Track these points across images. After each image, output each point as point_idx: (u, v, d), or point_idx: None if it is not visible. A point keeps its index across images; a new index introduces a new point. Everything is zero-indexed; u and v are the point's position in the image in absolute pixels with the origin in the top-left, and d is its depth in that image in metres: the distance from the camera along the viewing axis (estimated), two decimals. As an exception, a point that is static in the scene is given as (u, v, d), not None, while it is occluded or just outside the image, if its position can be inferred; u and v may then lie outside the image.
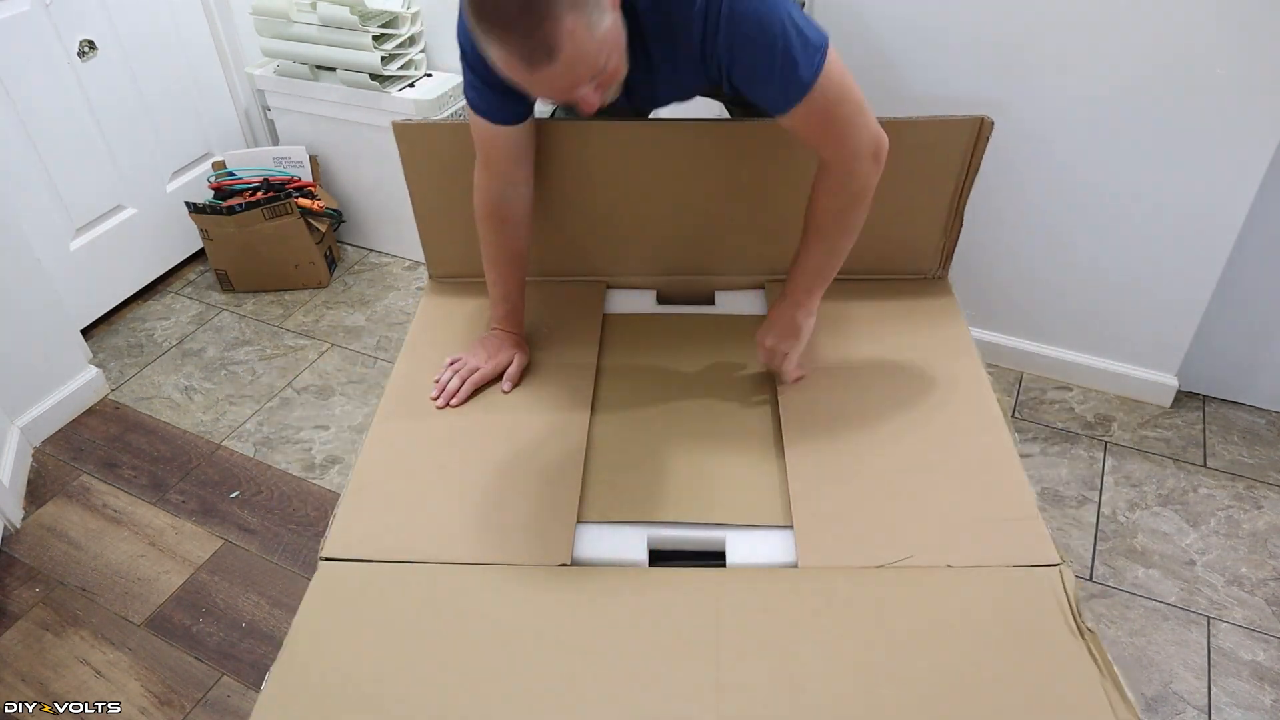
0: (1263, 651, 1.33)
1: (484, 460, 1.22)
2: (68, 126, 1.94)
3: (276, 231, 2.13)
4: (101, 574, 1.55)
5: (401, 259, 2.37)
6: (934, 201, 1.41)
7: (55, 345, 1.84)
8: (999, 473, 1.16)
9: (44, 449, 1.82)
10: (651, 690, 0.92)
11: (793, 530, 1.09)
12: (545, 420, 1.28)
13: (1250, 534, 1.51)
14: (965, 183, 1.37)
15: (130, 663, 1.40)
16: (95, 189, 2.05)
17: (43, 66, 1.87)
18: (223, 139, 2.32)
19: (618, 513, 1.14)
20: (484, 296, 1.49)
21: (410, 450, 1.25)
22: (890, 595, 1.00)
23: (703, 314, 1.46)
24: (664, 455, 1.22)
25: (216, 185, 2.18)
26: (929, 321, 1.41)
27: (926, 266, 1.48)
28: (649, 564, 1.08)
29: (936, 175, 1.38)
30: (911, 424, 1.23)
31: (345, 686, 0.94)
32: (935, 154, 1.36)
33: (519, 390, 1.32)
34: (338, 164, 2.28)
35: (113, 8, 1.97)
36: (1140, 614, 1.38)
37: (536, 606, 1.02)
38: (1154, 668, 1.31)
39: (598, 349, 1.38)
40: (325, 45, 2.01)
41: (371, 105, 2.05)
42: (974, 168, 1.35)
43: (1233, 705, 1.26)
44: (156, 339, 2.11)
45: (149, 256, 2.23)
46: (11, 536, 1.62)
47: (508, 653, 0.97)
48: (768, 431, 1.24)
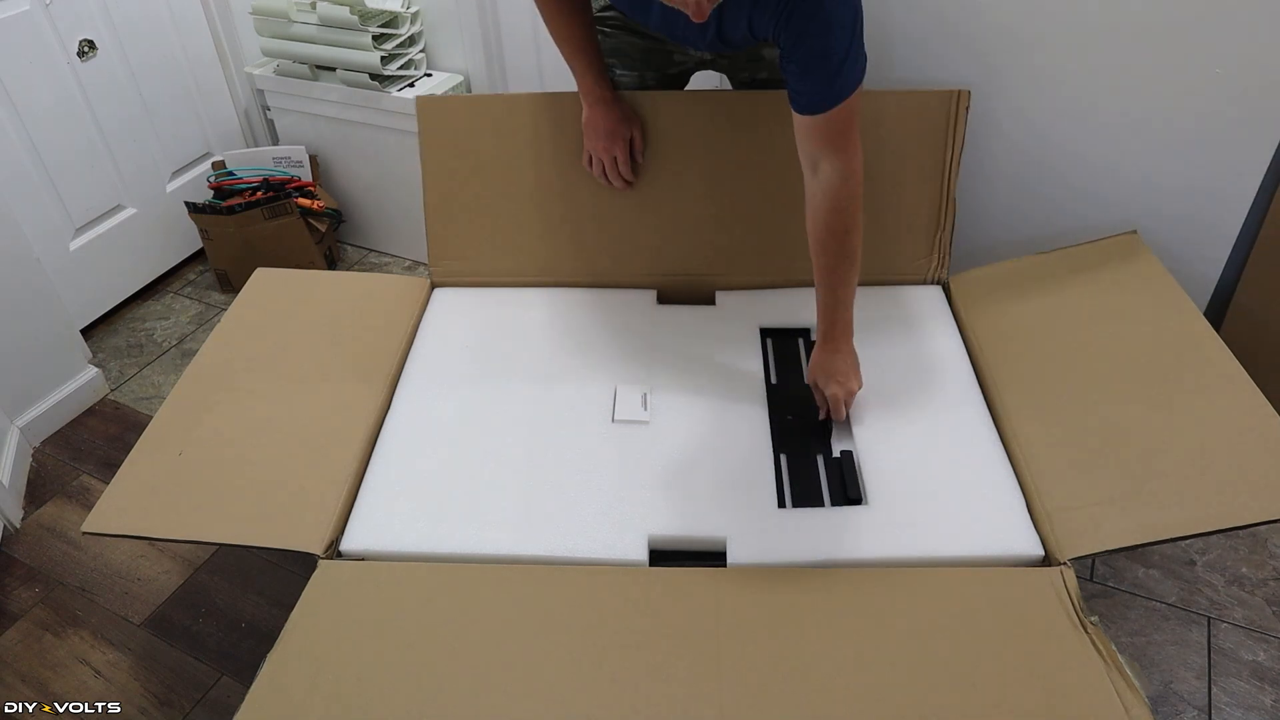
0: (1263, 651, 1.33)
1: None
2: (68, 126, 1.94)
3: (276, 231, 2.13)
4: (101, 574, 1.55)
5: (401, 259, 2.37)
6: (923, 184, 1.42)
7: (55, 345, 1.84)
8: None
9: (44, 449, 1.82)
10: (651, 690, 0.92)
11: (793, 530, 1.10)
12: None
13: (1250, 534, 1.51)
14: (951, 161, 1.38)
15: (130, 663, 1.40)
16: (95, 189, 2.04)
17: (43, 66, 1.87)
18: (222, 139, 2.32)
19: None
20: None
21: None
22: (890, 594, 1.01)
23: (703, 314, 1.46)
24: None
25: (216, 185, 2.18)
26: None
27: (923, 265, 1.48)
28: (649, 564, 1.08)
29: (921, 151, 1.40)
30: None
31: (336, 684, 0.94)
32: (917, 128, 1.38)
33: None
34: (338, 164, 2.28)
35: (113, 8, 1.97)
36: (1140, 614, 1.39)
37: (535, 605, 1.02)
38: (1154, 668, 1.31)
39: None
40: (325, 45, 2.01)
41: (371, 105, 2.05)
42: (958, 144, 1.37)
43: (1233, 705, 1.26)
44: (156, 339, 2.11)
45: (149, 256, 2.23)
46: (11, 536, 1.62)
47: (504, 651, 0.97)
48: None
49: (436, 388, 1.33)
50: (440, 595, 1.03)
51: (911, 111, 1.39)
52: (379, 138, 2.12)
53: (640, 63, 1.36)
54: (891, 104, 1.39)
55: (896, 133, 1.40)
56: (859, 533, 1.09)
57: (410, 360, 1.39)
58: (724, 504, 1.13)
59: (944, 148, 1.39)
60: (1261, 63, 1.39)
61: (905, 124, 1.39)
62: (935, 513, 1.11)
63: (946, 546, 1.06)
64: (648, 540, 1.10)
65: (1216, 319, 1.64)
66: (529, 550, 1.09)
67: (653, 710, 0.90)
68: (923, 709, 0.89)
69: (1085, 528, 1.04)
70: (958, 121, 1.37)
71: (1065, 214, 1.68)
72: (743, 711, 0.90)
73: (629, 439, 1.24)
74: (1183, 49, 1.43)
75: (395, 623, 1.00)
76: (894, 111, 1.39)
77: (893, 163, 1.41)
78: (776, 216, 1.44)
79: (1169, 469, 1.05)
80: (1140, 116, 1.52)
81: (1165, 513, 1.01)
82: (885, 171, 1.42)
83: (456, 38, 2.04)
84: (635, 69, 1.38)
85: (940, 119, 1.38)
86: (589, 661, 0.95)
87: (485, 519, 1.13)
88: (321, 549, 1.09)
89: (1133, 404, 1.15)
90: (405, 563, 1.09)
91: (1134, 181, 1.59)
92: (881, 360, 1.34)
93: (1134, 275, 1.34)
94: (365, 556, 1.11)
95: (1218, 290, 1.64)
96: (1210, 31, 1.39)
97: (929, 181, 1.42)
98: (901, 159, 1.41)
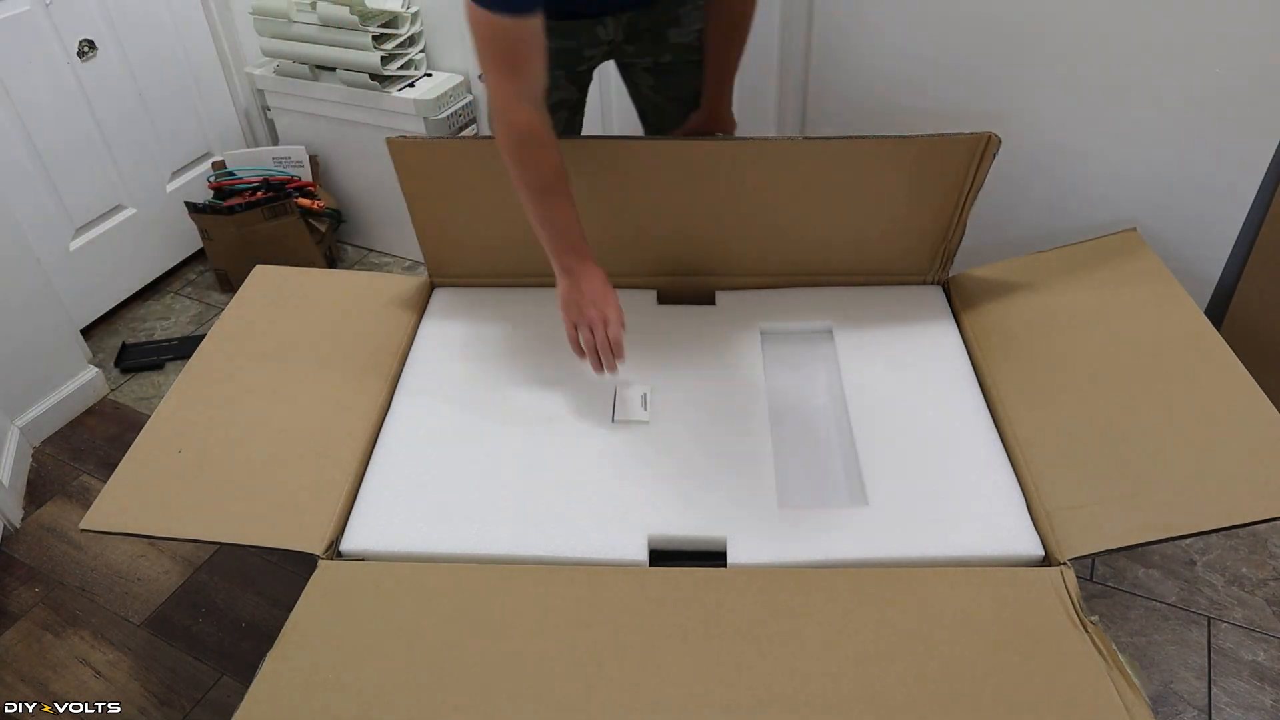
0: (1263, 651, 1.33)
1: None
2: (68, 126, 1.94)
3: (276, 231, 2.13)
4: (101, 574, 1.55)
5: (401, 259, 2.37)
6: (937, 217, 1.41)
7: (55, 345, 1.84)
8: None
9: (44, 449, 1.82)
10: (651, 690, 0.92)
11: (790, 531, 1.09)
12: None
13: (1250, 534, 1.51)
14: (968, 194, 1.37)
15: (130, 663, 1.40)
16: (95, 189, 2.05)
17: (43, 66, 1.87)
18: (222, 139, 2.32)
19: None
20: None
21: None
22: (890, 594, 1.00)
23: (703, 314, 1.46)
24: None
25: (216, 185, 2.18)
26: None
27: (923, 265, 1.48)
28: (649, 564, 1.08)
29: (940, 188, 1.38)
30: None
31: (336, 684, 0.94)
32: (939, 168, 1.36)
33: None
34: (338, 164, 2.28)
35: (113, 8, 1.97)
36: (1140, 614, 1.38)
37: (535, 605, 1.02)
38: (1154, 668, 1.31)
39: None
40: (325, 45, 2.01)
41: (371, 105, 2.05)
42: (978, 182, 1.35)
43: (1233, 705, 1.26)
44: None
45: (149, 256, 2.23)
46: (11, 536, 1.62)
47: (504, 651, 0.97)
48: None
49: (436, 388, 1.33)
50: (440, 595, 1.03)
51: (939, 154, 1.34)
52: (379, 138, 2.11)
53: (550, 63, 1.33)
54: (917, 149, 1.34)
55: (917, 175, 1.36)
56: (859, 533, 1.09)
57: (410, 360, 1.39)
58: (724, 504, 1.13)
59: (962, 185, 1.37)
60: (1261, 63, 1.38)
61: (928, 166, 1.34)
62: (935, 513, 1.11)
63: (946, 546, 1.06)
64: (648, 540, 1.10)
65: (1217, 318, 1.64)
66: (529, 550, 1.09)
67: (653, 710, 0.90)
68: (923, 709, 0.89)
69: (1085, 528, 1.04)
70: (983, 161, 1.34)
71: (1065, 213, 1.68)
72: (742, 711, 0.90)
73: (629, 439, 1.24)
74: (1183, 49, 1.43)
75: (395, 623, 1.00)
76: (918, 155, 1.35)
77: (907, 201, 1.38)
78: (776, 216, 1.44)
79: (1169, 468, 1.05)
80: (1140, 116, 1.52)
81: (1165, 512, 1.01)
82: (898, 206, 1.39)
83: (456, 38, 2.04)
84: (548, 70, 1.35)
85: (964, 160, 1.34)
86: (589, 661, 0.95)
87: (485, 519, 1.13)
88: (321, 549, 1.09)
89: (1133, 403, 1.15)
90: (405, 563, 1.09)
91: (1134, 181, 1.59)
92: (881, 360, 1.34)
93: (1134, 273, 1.34)
94: (365, 556, 1.11)
95: (1218, 289, 1.64)
96: (1210, 31, 1.39)
97: (940, 210, 1.40)
98: (918, 196, 1.38)
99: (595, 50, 1.38)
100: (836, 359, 1.35)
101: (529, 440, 1.24)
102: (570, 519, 1.12)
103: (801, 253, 1.47)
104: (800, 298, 1.46)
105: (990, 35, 1.55)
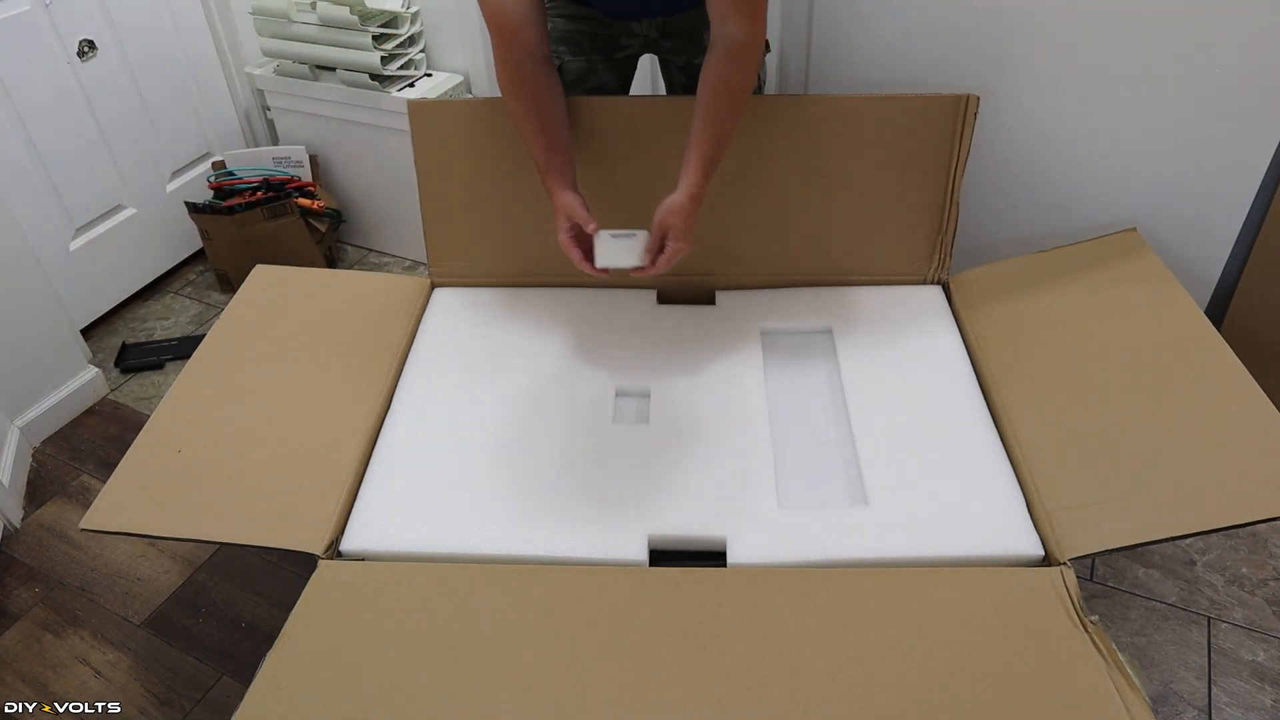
0: (1263, 651, 1.33)
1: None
2: (68, 126, 1.94)
3: (276, 231, 2.13)
4: (101, 574, 1.55)
5: (401, 259, 2.37)
6: (926, 188, 1.41)
7: (55, 345, 1.84)
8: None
9: (44, 449, 1.82)
10: (651, 690, 0.92)
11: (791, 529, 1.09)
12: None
13: (1250, 534, 1.51)
14: (957, 166, 1.38)
15: (130, 663, 1.40)
16: (95, 189, 2.04)
17: (43, 66, 1.87)
18: (222, 139, 2.32)
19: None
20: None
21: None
22: (891, 594, 1.00)
23: (703, 314, 1.46)
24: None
25: (216, 185, 2.18)
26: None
27: (923, 265, 1.48)
28: (649, 564, 1.08)
29: (926, 155, 1.39)
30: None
31: (336, 684, 0.94)
32: (923, 133, 1.38)
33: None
34: (338, 164, 2.28)
35: (113, 8, 1.97)
36: (1140, 614, 1.38)
37: (535, 605, 1.02)
38: (1154, 668, 1.31)
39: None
40: (325, 45, 2.01)
41: (371, 105, 2.05)
42: (964, 149, 1.36)
43: (1233, 705, 1.26)
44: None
45: (149, 256, 2.23)
46: (11, 536, 1.62)
47: (504, 651, 0.97)
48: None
49: (436, 387, 1.33)
50: (440, 595, 1.03)
51: (918, 116, 1.38)
52: (379, 138, 2.12)
53: (588, 48, 1.37)
54: (899, 109, 1.38)
55: (902, 137, 1.39)
56: (859, 533, 1.09)
57: (410, 360, 1.39)
58: (724, 504, 1.13)
59: (950, 153, 1.38)
60: (1261, 63, 1.38)
61: (912, 129, 1.38)
62: (935, 513, 1.11)
63: (946, 546, 1.06)
64: (648, 540, 1.10)
65: (1217, 318, 1.64)
66: (529, 550, 1.09)
67: (653, 710, 0.90)
68: (923, 709, 0.89)
69: (1085, 528, 1.04)
70: (965, 126, 1.36)
71: (1065, 213, 1.68)
72: (742, 711, 0.90)
73: (629, 439, 1.24)
74: (1183, 49, 1.43)
75: (395, 622, 1.00)
76: (900, 117, 1.38)
77: (897, 167, 1.41)
78: (776, 217, 1.44)
79: (1169, 468, 1.05)
80: (1140, 116, 1.52)
81: (1165, 512, 1.01)
82: (889, 174, 1.41)
83: (456, 38, 2.04)
84: (583, 54, 1.39)
85: (948, 124, 1.37)
86: (588, 661, 0.95)
87: (485, 519, 1.13)
88: (321, 549, 1.09)
89: (1133, 402, 1.15)
90: (405, 563, 1.09)
91: (1134, 181, 1.59)
92: (881, 360, 1.34)
93: (1134, 272, 1.34)
94: (365, 556, 1.11)
95: (1218, 289, 1.64)
96: (1210, 31, 1.39)
97: (933, 185, 1.42)
98: (906, 163, 1.40)
99: (632, 41, 1.39)
100: (836, 359, 1.35)
101: (529, 440, 1.24)
102: (570, 519, 1.12)
103: (802, 253, 1.47)
104: (800, 298, 1.46)
105: (990, 36, 1.55)
